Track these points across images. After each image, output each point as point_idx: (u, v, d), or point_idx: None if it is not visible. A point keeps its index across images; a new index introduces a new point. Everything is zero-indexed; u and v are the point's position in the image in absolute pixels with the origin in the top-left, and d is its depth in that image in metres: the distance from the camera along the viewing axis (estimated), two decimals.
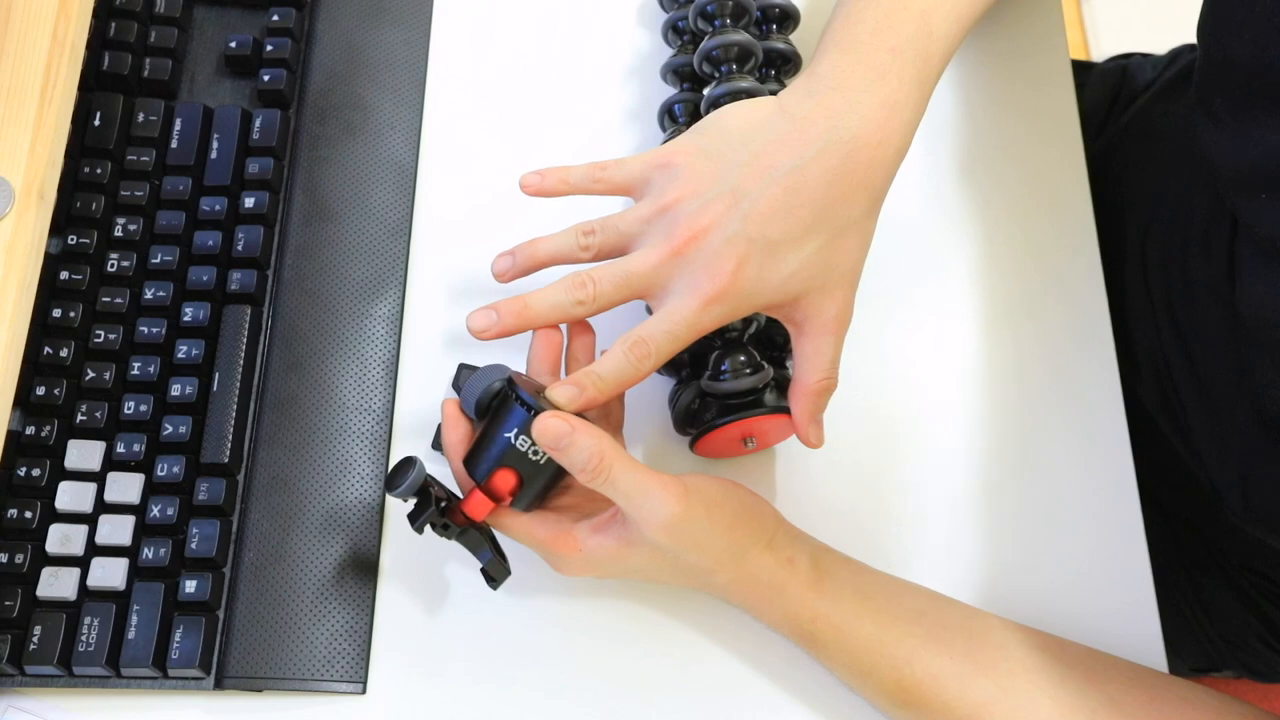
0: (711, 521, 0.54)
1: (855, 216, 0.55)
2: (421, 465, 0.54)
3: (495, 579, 0.56)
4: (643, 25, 0.76)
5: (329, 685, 0.58)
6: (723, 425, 0.60)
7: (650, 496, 0.52)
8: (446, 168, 0.71)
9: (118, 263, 0.63)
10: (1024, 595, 0.63)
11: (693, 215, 0.54)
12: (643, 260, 0.55)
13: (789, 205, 0.54)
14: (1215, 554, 0.79)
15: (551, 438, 0.51)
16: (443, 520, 0.54)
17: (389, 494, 0.55)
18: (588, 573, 0.57)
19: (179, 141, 0.66)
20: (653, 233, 0.55)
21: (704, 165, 0.55)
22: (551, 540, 0.55)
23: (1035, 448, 0.66)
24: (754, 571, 0.56)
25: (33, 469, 0.59)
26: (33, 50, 0.59)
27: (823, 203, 0.54)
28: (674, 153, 0.57)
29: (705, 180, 0.55)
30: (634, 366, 0.54)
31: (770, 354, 0.63)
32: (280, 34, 0.70)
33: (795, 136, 0.55)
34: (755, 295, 0.54)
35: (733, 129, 0.56)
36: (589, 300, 0.55)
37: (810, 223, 0.54)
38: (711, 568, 0.56)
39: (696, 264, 0.54)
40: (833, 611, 0.57)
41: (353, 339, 0.65)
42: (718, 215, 0.54)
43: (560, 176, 0.60)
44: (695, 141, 0.57)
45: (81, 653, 0.56)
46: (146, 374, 0.61)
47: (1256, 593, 0.77)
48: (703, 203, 0.54)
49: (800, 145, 0.54)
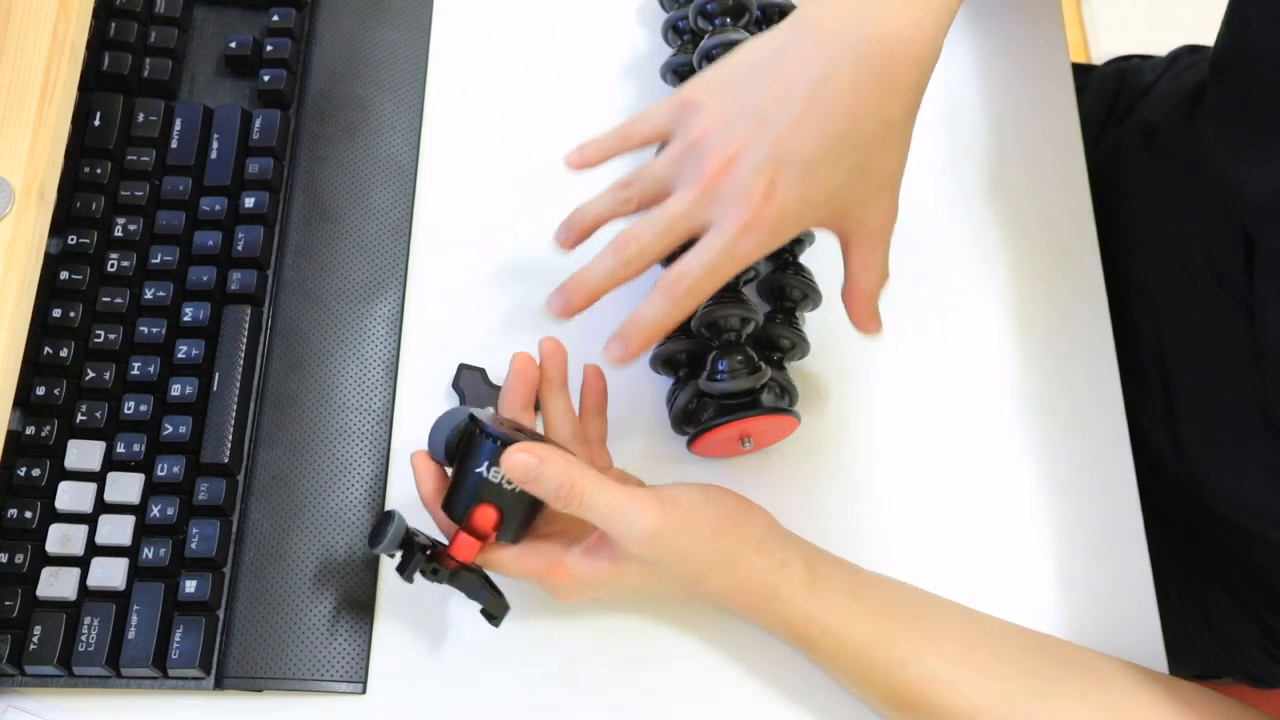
0: (693, 530, 0.54)
1: (891, 121, 0.53)
2: (400, 517, 0.54)
3: (496, 616, 0.56)
4: (643, 25, 0.76)
5: (329, 685, 0.58)
6: (720, 425, 0.60)
7: (626, 514, 0.52)
8: (446, 168, 0.71)
9: (118, 263, 0.63)
10: (1023, 603, 0.63)
11: (720, 147, 0.53)
12: (678, 202, 0.54)
13: (818, 121, 0.52)
14: (1215, 562, 0.78)
15: (520, 471, 0.51)
16: (431, 566, 0.54)
17: (373, 550, 0.55)
18: (586, 597, 0.56)
19: (179, 141, 0.66)
20: (684, 172, 0.54)
21: (727, 95, 0.54)
22: (544, 571, 0.55)
23: (1035, 453, 0.66)
24: (746, 576, 0.56)
25: (33, 469, 0.59)
26: (33, 50, 0.59)
27: (854, 113, 0.52)
28: (695, 88, 0.55)
29: (729, 109, 0.53)
30: (674, 304, 0.53)
31: (769, 354, 0.63)
32: (280, 34, 0.70)
33: (816, 47, 0.52)
34: (798, 219, 0.53)
35: (752, 55, 0.55)
36: (635, 257, 0.54)
37: (843, 135, 0.52)
38: (701, 575, 0.55)
39: (728, 195, 0.52)
40: (827, 615, 0.56)
41: (353, 339, 0.65)
42: (744, 142, 0.52)
43: (596, 145, 0.59)
44: (716, 74, 0.55)
45: (81, 653, 0.56)
46: (146, 374, 0.61)
47: (1256, 601, 0.77)
48: (728, 132, 0.53)
49: (822, 55, 0.52)
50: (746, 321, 0.61)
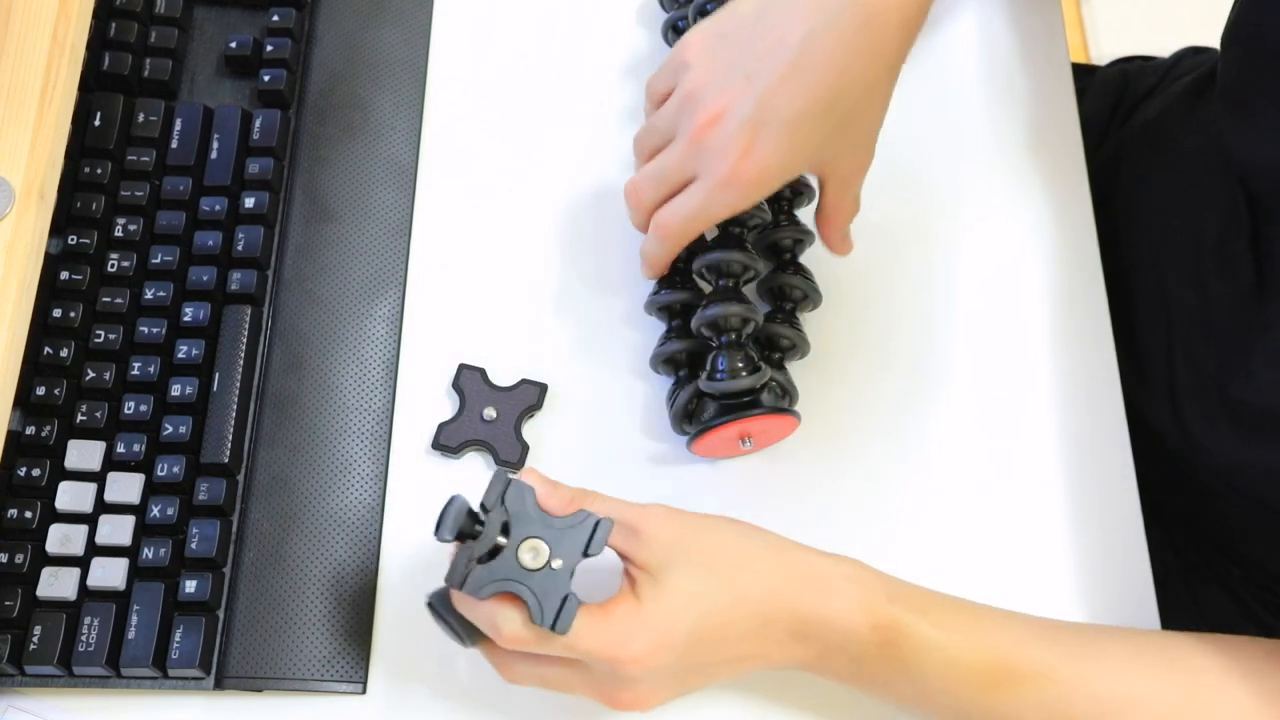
0: (690, 634, 0.50)
1: (876, 80, 0.54)
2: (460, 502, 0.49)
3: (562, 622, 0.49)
4: (643, 25, 0.76)
5: (329, 685, 0.58)
6: (720, 425, 0.60)
7: (606, 649, 0.49)
8: (446, 168, 0.71)
9: (118, 263, 0.63)
10: (1023, 601, 0.63)
11: (708, 102, 0.54)
12: (669, 154, 0.56)
13: (803, 80, 0.53)
14: (1214, 563, 0.78)
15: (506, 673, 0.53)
16: None
17: None
18: (658, 697, 0.53)
19: (179, 141, 0.66)
20: (679, 124, 0.56)
21: (719, 50, 0.56)
22: None
23: (1035, 452, 0.66)
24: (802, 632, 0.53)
25: (33, 469, 0.59)
26: (33, 50, 0.59)
27: (839, 73, 0.53)
28: (688, 45, 0.57)
29: (720, 64, 0.55)
30: (663, 244, 0.58)
31: (769, 354, 0.63)
32: (280, 34, 0.70)
33: (805, 5, 0.53)
34: (779, 174, 0.54)
35: (744, 9, 0.56)
36: (638, 206, 0.58)
37: (827, 95, 0.53)
38: (751, 654, 0.53)
39: (712, 149, 0.54)
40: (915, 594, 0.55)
41: (353, 339, 0.65)
42: (731, 99, 0.54)
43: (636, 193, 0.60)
44: (709, 28, 0.57)
45: (81, 653, 0.56)
46: (146, 374, 0.61)
47: (1256, 603, 0.77)
48: (718, 89, 0.54)
49: (812, 13, 0.53)
50: (746, 321, 0.61)
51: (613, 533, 0.51)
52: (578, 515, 0.50)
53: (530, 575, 0.49)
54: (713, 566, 0.52)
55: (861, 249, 0.65)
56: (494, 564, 0.49)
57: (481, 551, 0.49)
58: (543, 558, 0.49)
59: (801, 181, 0.65)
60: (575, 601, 0.48)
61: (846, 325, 0.68)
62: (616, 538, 0.52)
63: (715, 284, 0.62)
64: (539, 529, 0.49)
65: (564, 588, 0.48)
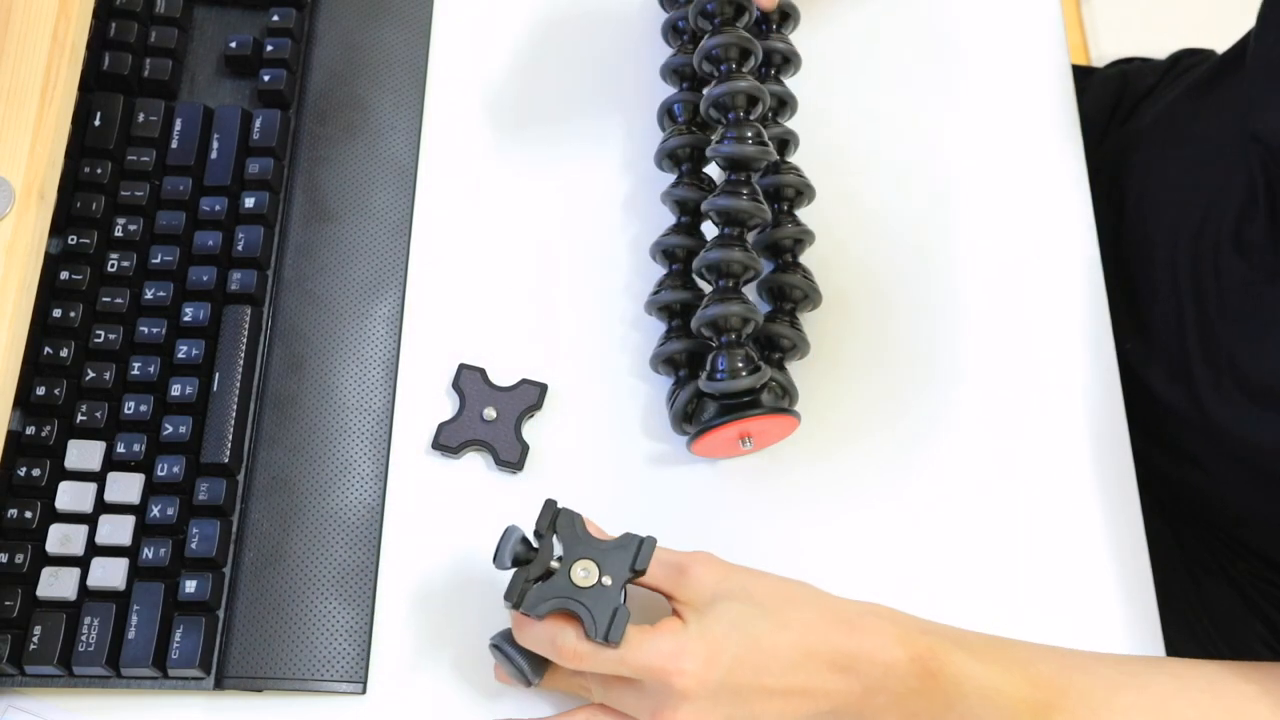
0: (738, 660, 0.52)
1: None
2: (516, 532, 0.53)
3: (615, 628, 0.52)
4: (643, 25, 0.76)
5: (329, 685, 0.58)
6: (720, 425, 0.60)
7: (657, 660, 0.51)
8: (446, 168, 0.71)
9: (118, 263, 0.63)
10: (1022, 599, 0.63)
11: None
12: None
13: None
14: (1217, 555, 0.79)
15: None
16: None
17: None
18: None
19: (179, 141, 0.66)
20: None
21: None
22: None
23: (1034, 452, 0.66)
24: None
25: (33, 469, 0.59)
26: (33, 50, 0.59)
27: None
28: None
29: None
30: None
31: (769, 354, 0.63)
32: (280, 34, 0.70)
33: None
34: None
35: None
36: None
37: None
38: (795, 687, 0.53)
39: None
40: None
41: (353, 339, 0.65)
42: None
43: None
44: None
45: (81, 653, 0.56)
46: (146, 374, 0.61)
47: (1259, 595, 0.77)
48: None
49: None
50: (746, 321, 0.61)
51: (660, 574, 0.54)
52: (623, 537, 0.54)
53: (583, 592, 0.52)
54: (757, 601, 0.54)
55: (862, 249, 0.65)
56: (548, 584, 0.52)
57: (537, 574, 0.53)
58: (594, 576, 0.52)
59: (802, 181, 0.65)
60: (626, 613, 0.51)
61: (847, 325, 0.68)
62: (664, 579, 0.54)
63: (715, 284, 0.62)
64: (589, 550, 0.53)
65: (615, 601, 0.52)
